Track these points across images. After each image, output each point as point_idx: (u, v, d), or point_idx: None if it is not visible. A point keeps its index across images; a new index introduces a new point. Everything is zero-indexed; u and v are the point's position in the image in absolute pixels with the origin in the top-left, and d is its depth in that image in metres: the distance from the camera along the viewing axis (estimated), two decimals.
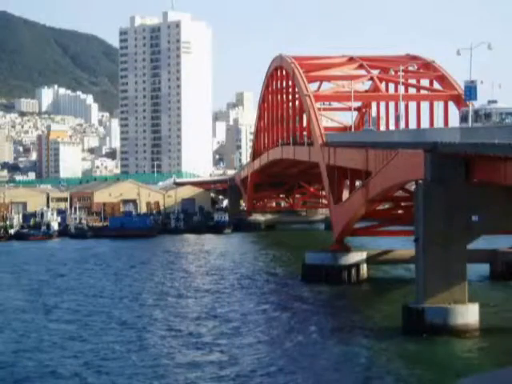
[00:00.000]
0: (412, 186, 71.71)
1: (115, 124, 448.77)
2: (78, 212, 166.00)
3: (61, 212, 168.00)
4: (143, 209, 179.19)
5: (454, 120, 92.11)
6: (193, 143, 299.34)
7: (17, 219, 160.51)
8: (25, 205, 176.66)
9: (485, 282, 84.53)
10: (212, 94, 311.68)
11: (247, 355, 53.00)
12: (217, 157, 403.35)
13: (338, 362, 50.88)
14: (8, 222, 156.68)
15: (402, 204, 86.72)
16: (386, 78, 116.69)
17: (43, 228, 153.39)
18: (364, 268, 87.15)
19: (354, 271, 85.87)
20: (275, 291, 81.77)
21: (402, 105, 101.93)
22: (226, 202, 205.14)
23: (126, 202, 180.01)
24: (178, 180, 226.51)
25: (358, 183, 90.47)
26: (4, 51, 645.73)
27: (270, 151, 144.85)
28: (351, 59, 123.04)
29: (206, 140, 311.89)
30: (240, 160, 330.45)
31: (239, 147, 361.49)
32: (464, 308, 56.58)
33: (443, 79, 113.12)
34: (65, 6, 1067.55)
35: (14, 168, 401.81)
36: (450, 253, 56.22)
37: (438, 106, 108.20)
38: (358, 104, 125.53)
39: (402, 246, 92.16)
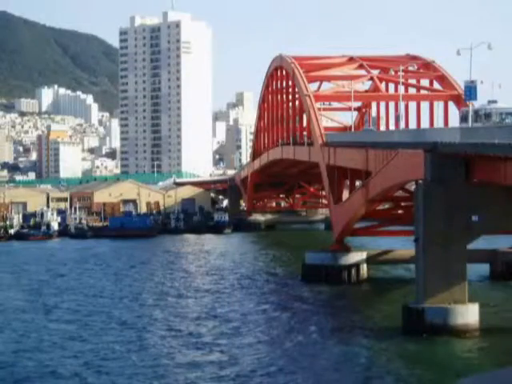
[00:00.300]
0: (412, 186, 71.71)
1: (115, 124, 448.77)
2: (78, 212, 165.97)
3: (61, 212, 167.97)
4: (143, 209, 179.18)
5: (454, 120, 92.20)
6: (193, 143, 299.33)
7: (17, 219, 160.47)
8: (25, 205, 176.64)
9: (485, 282, 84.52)
10: (212, 94, 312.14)
11: (247, 355, 53.01)
12: (217, 157, 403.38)
13: (338, 362, 50.89)
14: (8, 222, 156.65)
15: (402, 204, 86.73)
16: (386, 78, 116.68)
17: (43, 228, 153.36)
18: (364, 268, 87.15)
19: (354, 271, 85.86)
20: (275, 291, 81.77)
21: (401, 105, 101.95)
22: (225, 202, 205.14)
23: (126, 201, 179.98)
24: (177, 180, 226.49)
25: (358, 183, 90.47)
26: (4, 51, 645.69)
27: (270, 151, 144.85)
28: (351, 59, 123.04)
29: (206, 140, 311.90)
30: (240, 160, 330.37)
31: (239, 147, 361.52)
32: (464, 308, 56.59)
33: (443, 79, 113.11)
34: (65, 6, 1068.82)
35: (14, 168, 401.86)
36: (450, 253, 56.23)
37: (438, 106, 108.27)
38: (358, 104, 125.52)
39: (402, 246, 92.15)
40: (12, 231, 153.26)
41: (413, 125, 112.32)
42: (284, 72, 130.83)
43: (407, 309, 58.04)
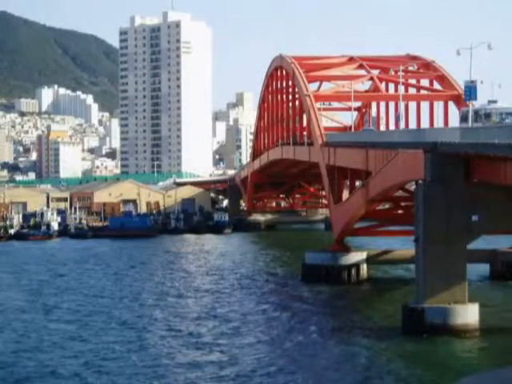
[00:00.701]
0: (412, 186, 71.72)
1: (115, 124, 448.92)
2: (77, 212, 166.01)
3: (61, 212, 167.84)
4: (143, 209, 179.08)
5: (454, 120, 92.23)
6: (193, 143, 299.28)
7: (17, 219, 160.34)
8: (25, 205, 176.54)
9: (485, 282, 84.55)
10: (212, 94, 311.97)
11: (247, 355, 53.02)
12: (217, 157, 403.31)
13: (338, 362, 50.89)
14: (8, 222, 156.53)
15: (402, 204, 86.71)
16: (386, 78, 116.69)
17: (43, 228, 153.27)
18: (364, 268, 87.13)
19: (354, 271, 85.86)
20: (275, 291, 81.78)
21: (401, 105, 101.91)
22: (225, 202, 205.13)
23: (126, 201, 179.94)
24: (178, 180, 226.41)
25: (358, 183, 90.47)
26: (4, 51, 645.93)
27: (269, 151, 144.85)
28: (351, 59, 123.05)
29: (206, 140, 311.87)
30: (240, 160, 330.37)
31: (239, 147, 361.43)
32: (464, 308, 56.59)
33: (443, 79, 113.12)
34: (65, 6, 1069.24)
35: (14, 168, 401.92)
36: (450, 253, 56.23)
37: (438, 106, 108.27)
38: (358, 104, 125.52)
39: (402, 246, 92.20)
40: (12, 231, 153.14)
41: (413, 125, 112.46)
42: (284, 72, 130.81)
43: (407, 309, 58.03)
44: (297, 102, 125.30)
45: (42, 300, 78.07)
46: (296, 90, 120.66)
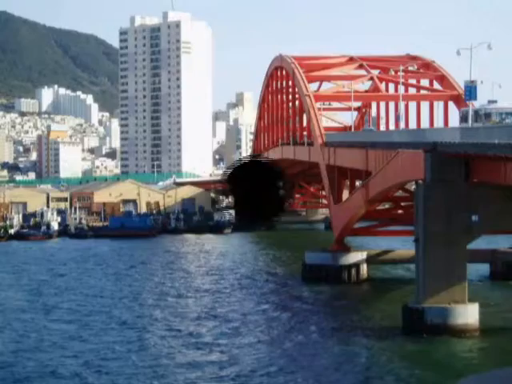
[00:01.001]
0: (412, 186, 71.76)
1: (115, 124, 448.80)
2: (77, 212, 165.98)
3: (61, 212, 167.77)
4: (143, 209, 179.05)
5: (454, 120, 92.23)
6: (193, 143, 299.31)
7: (17, 219, 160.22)
8: (25, 205, 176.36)
9: (485, 282, 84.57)
10: (212, 94, 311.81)
11: (247, 355, 53.04)
12: (217, 157, 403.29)
13: (338, 362, 50.91)
14: (8, 222, 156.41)
15: (402, 204, 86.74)
16: (386, 77, 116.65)
17: (43, 228, 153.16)
18: (364, 268, 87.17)
19: (354, 271, 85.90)
20: (275, 291, 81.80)
21: (401, 105, 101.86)
22: (226, 202, 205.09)
23: (126, 201, 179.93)
24: (178, 180, 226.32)
25: (357, 183, 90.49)
26: (4, 51, 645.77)
27: (269, 151, 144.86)
28: (351, 59, 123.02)
29: (206, 140, 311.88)
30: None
31: (239, 147, 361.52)
32: (464, 308, 56.62)
33: (443, 79, 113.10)
34: (65, 6, 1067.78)
35: (13, 168, 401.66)
36: (450, 253, 56.27)
37: (438, 106, 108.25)
38: (358, 104, 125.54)
39: (402, 246, 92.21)
40: (12, 231, 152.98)
41: (413, 125, 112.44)
42: (284, 72, 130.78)
43: (407, 309, 58.06)
44: (297, 102, 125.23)
45: (42, 300, 78.09)
46: (296, 90, 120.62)
